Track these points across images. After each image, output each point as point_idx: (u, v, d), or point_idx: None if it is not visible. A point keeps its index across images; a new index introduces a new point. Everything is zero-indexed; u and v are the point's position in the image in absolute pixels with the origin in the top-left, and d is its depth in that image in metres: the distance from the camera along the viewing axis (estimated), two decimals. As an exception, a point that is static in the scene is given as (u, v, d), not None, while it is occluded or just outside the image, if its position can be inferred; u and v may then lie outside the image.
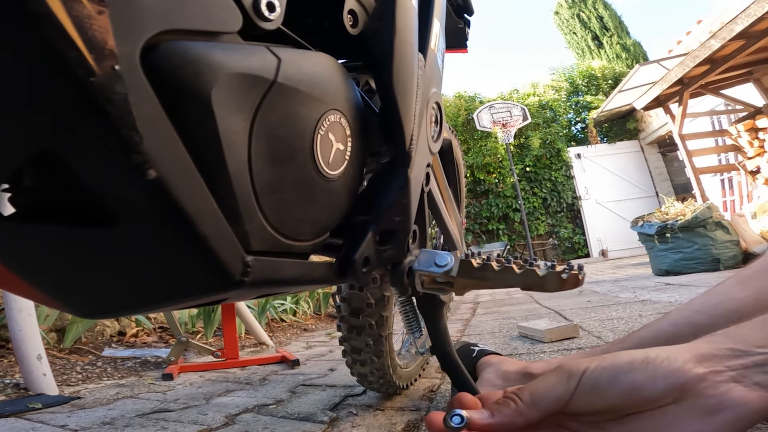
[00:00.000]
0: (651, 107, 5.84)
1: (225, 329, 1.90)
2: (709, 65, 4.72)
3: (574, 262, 0.51)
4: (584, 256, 8.51)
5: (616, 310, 2.03)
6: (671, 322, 0.50)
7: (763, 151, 4.85)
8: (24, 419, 1.14)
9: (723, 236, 3.54)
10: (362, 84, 0.57)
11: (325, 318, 3.92)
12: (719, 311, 0.48)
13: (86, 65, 0.19)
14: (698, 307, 0.50)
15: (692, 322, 0.48)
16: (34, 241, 0.26)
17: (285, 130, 0.30)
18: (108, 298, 0.29)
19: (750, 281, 0.48)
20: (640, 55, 11.45)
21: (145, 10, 0.21)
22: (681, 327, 0.49)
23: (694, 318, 0.49)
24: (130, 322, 2.48)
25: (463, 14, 0.97)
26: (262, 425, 0.98)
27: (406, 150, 0.44)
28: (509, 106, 7.78)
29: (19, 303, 1.44)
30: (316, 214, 0.35)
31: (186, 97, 0.24)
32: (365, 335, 0.97)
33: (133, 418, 1.11)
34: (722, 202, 6.15)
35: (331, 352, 2.05)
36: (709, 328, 0.47)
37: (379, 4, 0.44)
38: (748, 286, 0.48)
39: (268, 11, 0.30)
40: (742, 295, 0.47)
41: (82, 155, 0.22)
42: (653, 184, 8.64)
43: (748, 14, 3.78)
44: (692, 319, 0.49)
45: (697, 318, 0.48)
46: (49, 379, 1.43)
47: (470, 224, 8.46)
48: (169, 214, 0.23)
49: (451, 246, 0.75)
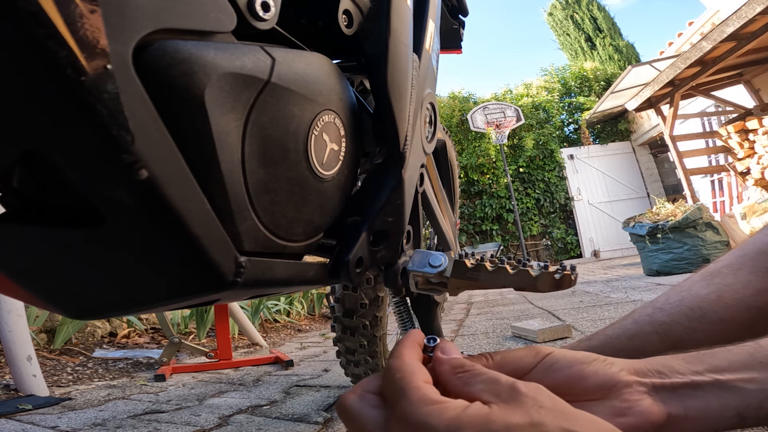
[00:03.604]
0: (642, 108, 5.89)
1: (218, 330, 1.89)
2: (700, 67, 4.76)
3: (566, 263, 0.51)
4: (576, 256, 8.56)
5: (608, 310, 2.05)
6: (634, 319, 0.50)
7: (752, 153, 4.91)
8: (14, 420, 1.12)
9: (713, 237, 3.57)
10: (357, 84, 0.57)
11: (319, 318, 3.91)
12: (680, 309, 0.48)
13: (78, 64, 0.19)
14: (660, 304, 0.50)
15: (653, 320, 0.48)
16: (23, 241, 0.26)
17: (279, 130, 0.30)
18: (98, 299, 0.29)
19: (714, 277, 0.48)
20: (633, 57, 11.54)
21: (138, 9, 0.21)
22: (642, 325, 0.49)
23: (655, 315, 0.49)
24: (121, 323, 2.45)
25: (457, 15, 0.97)
26: (256, 426, 0.98)
27: (400, 150, 0.44)
28: (503, 107, 7.82)
29: (9, 304, 1.42)
30: (309, 214, 0.35)
31: (178, 97, 0.24)
32: (359, 336, 0.97)
33: (125, 420, 1.10)
34: (712, 203, 6.22)
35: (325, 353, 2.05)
36: (668, 325, 0.47)
37: (374, 4, 0.44)
38: (712, 283, 0.48)
39: (262, 11, 0.30)
40: (704, 293, 0.47)
41: (73, 155, 0.21)
42: (644, 185, 8.72)
43: (739, 16, 3.82)
44: (653, 316, 0.49)
45: (658, 315, 0.48)
46: (40, 380, 1.41)
47: (464, 225, 8.49)
48: (160, 214, 0.23)
49: (445, 246, 0.75)
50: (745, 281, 0.45)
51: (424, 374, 0.28)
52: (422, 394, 0.25)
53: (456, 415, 0.24)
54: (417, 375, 0.27)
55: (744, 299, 0.45)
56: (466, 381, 0.28)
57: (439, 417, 0.24)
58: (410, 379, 0.26)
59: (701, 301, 0.47)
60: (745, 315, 0.44)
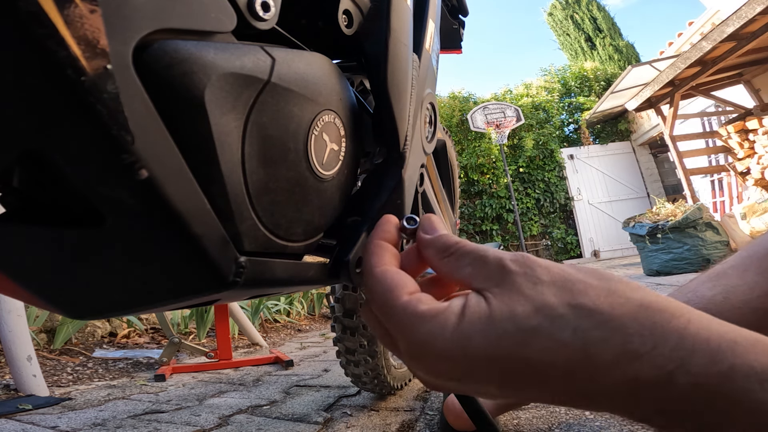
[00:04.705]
0: (642, 108, 5.89)
1: (218, 330, 1.89)
2: (700, 67, 4.77)
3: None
4: (576, 256, 8.56)
5: (608, 310, 2.05)
6: None
7: (752, 153, 4.91)
8: (14, 420, 1.12)
9: (713, 237, 3.57)
10: (357, 84, 0.57)
11: (319, 319, 3.91)
12: None
13: (77, 64, 0.19)
14: None
15: None
16: (23, 241, 0.26)
17: (279, 130, 0.30)
18: (98, 299, 0.29)
19: (721, 278, 0.47)
20: (633, 57, 11.54)
21: (138, 10, 0.21)
22: None
23: None
24: (121, 323, 2.46)
25: (457, 15, 0.97)
26: (256, 426, 0.98)
27: (400, 151, 0.44)
28: (503, 107, 7.81)
29: (9, 304, 1.42)
30: (309, 214, 0.35)
31: (178, 97, 0.24)
32: (359, 336, 0.97)
33: (125, 420, 1.10)
34: (712, 203, 6.22)
35: (325, 353, 2.05)
36: None
37: (374, 4, 0.44)
38: (718, 284, 0.47)
39: (262, 11, 0.30)
40: (710, 294, 0.46)
41: (72, 155, 0.21)
42: (644, 185, 8.72)
43: (739, 16, 3.82)
44: None
45: None
46: (40, 380, 1.41)
47: (464, 225, 8.49)
48: (161, 214, 0.23)
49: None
50: (752, 283, 0.45)
51: (403, 282, 0.25)
52: (412, 313, 0.23)
53: (457, 326, 0.22)
54: (398, 288, 0.25)
55: (751, 301, 0.44)
56: (454, 267, 0.26)
57: (442, 335, 0.22)
58: (393, 297, 0.24)
59: (707, 303, 0.46)
60: (751, 317, 0.44)
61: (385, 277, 0.26)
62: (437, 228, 0.28)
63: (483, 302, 0.23)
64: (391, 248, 0.29)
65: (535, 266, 0.23)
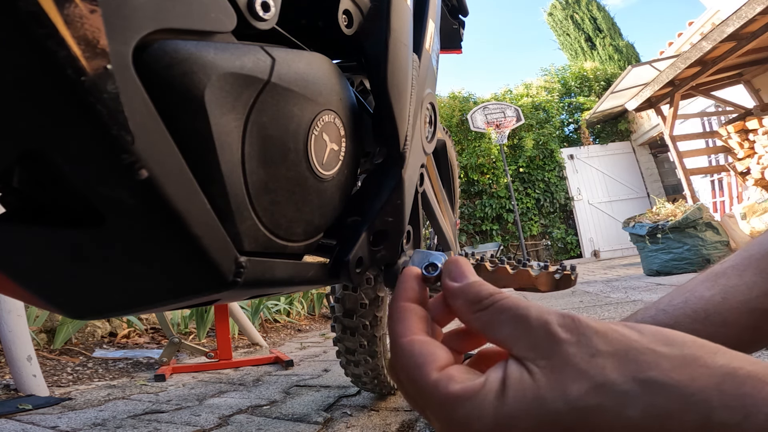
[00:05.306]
0: (642, 108, 5.89)
1: (218, 330, 1.89)
2: (700, 67, 4.77)
3: (566, 263, 0.51)
4: (576, 256, 8.56)
5: (608, 310, 2.05)
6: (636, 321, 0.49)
7: (752, 153, 4.91)
8: (14, 420, 1.12)
9: (713, 237, 3.58)
10: (357, 84, 0.57)
11: (319, 319, 3.91)
12: (684, 311, 0.46)
13: (77, 64, 0.19)
14: (664, 306, 0.48)
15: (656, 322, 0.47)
16: (23, 241, 0.26)
17: (279, 130, 0.30)
18: (98, 299, 0.29)
19: (719, 278, 0.46)
20: (633, 57, 11.55)
21: (138, 10, 0.21)
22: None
23: (658, 317, 0.47)
24: (121, 323, 2.46)
25: (457, 15, 0.97)
26: (256, 426, 0.98)
27: (400, 151, 0.44)
28: (503, 107, 7.82)
29: (9, 304, 1.42)
30: (309, 214, 0.35)
31: (178, 97, 0.24)
32: (359, 336, 0.97)
33: (125, 420, 1.10)
34: (712, 203, 6.23)
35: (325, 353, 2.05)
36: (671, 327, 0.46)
37: (374, 4, 0.44)
38: (717, 284, 0.46)
39: (262, 11, 0.30)
40: (709, 294, 0.46)
41: (72, 155, 0.21)
42: (644, 185, 8.72)
43: (739, 16, 3.82)
44: (656, 318, 0.47)
45: (661, 317, 0.47)
46: (40, 380, 1.41)
47: (464, 225, 8.49)
48: (160, 214, 0.23)
49: (445, 246, 0.75)
50: (750, 283, 0.44)
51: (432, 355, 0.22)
52: (445, 395, 0.20)
53: (498, 408, 0.19)
54: (427, 364, 0.22)
55: (749, 301, 0.44)
56: (488, 325, 0.23)
57: (480, 419, 0.19)
58: (423, 375, 0.22)
59: (706, 303, 0.46)
60: (749, 317, 0.43)
61: (413, 349, 0.23)
62: (466, 274, 0.25)
63: (527, 376, 0.19)
64: (417, 309, 0.26)
65: (590, 333, 0.20)
